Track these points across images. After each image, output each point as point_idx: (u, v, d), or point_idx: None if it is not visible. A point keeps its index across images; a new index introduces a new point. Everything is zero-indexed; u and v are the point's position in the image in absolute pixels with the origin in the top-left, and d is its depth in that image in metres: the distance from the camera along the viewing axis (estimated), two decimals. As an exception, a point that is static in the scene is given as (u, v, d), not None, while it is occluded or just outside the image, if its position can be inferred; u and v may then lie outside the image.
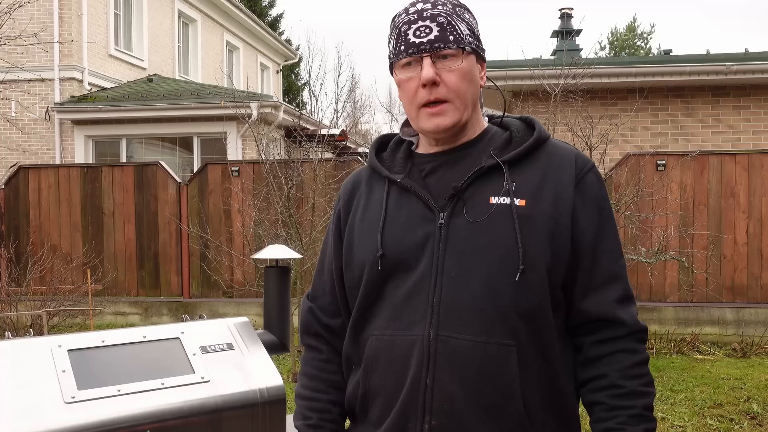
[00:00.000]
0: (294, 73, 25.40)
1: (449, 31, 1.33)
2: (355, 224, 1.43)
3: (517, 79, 7.97)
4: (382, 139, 1.53)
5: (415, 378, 1.29)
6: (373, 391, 1.35)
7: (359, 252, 1.40)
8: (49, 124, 11.42)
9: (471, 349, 1.27)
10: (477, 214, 1.31)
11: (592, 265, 1.33)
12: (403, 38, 1.34)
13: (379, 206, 1.40)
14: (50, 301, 6.71)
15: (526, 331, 1.29)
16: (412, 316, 1.31)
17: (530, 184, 1.33)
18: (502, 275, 1.28)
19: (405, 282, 1.33)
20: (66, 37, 11.29)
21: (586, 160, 1.38)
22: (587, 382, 1.34)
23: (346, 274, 1.43)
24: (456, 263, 1.30)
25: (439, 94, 1.32)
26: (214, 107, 10.41)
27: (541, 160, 1.36)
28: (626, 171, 7.17)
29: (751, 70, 7.87)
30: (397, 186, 1.39)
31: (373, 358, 1.35)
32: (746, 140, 8.26)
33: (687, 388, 5.55)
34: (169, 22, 14.42)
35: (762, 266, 7.27)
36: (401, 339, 1.31)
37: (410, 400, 1.29)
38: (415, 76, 1.33)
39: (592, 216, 1.34)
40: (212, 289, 8.25)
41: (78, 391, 1.52)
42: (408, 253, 1.34)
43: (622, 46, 32.35)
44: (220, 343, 1.81)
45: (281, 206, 6.23)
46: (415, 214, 1.35)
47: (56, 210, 8.68)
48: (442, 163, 1.39)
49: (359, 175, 1.51)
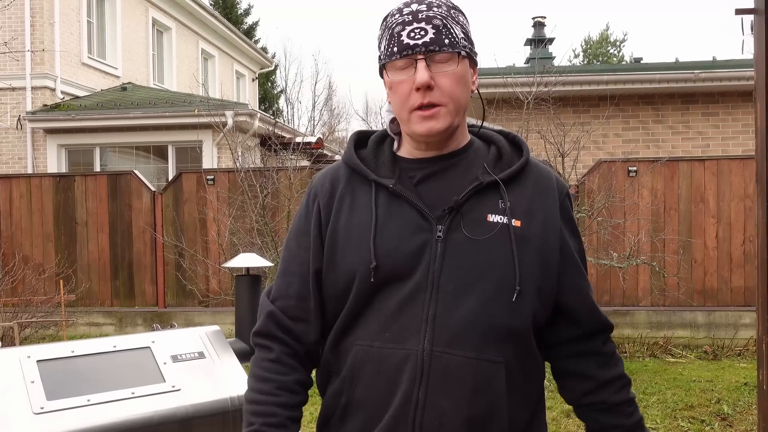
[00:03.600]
0: (270, 80, 25.36)
1: (444, 34, 1.29)
2: (339, 228, 1.36)
3: (490, 87, 8.05)
4: (359, 135, 1.46)
5: (407, 393, 1.27)
6: (356, 403, 1.32)
7: (347, 260, 1.33)
8: (20, 134, 11.28)
9: (464, 366, 1.27)
10: (475, 231, 1.30)
11: (586, 281, 1.42)
12: (397, 39, 1.30)
13: (367, 212, 1.33)
14: (22, 312, 6.61)
15: (513, 349, 1.31)
16: (405, 330, 1.28)
17: (522, 205, 1.33)
18: (498, 295, 1.29)
19: (397, 293, 1.30)
20: (38, 45, 11.17)
21: (563, 185, 1.42)
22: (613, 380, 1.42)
23: (328, 278, 1.36)
24: (453, 279, 1.28)
25: (433, 97, 1.28)
26: (189, 116, 10.37)
27: (529, 180, 1.37)
28: (598, 177, 7.28)
29: (719, 78, 8.04)
30: (387, 191, 1.34)
31: (359, 368, 1.31)
32: (715, 146, 8.43)
33: (659, 391, 5.63)
34: (143, 30, 14.33)
35: (731, 270, 7.40)
36: (392, 352, 1.29)
37: (400, 415, 1.27)
38: (408, 79, 1.29)
39: (575, 237, 1.42)
40: (188, 298, 8.19)
41: (47, 401, 1.52)
42: (402, 264, 1.30)
43: (596, 53, 32.77)
44: (192, 351, 1.82)
45: (256, 215, 6.23)
46: (410, 222, 1.31)
47: (28, 220, 8.57)
48: (433, 171, 1.35)
49: (337, 173, 1.41)
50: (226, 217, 7.08)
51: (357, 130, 1.50)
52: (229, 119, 10.00)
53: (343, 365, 1.34)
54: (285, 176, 6.99)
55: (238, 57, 19.25)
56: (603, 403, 1.41)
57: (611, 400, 1.40)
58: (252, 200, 6.35)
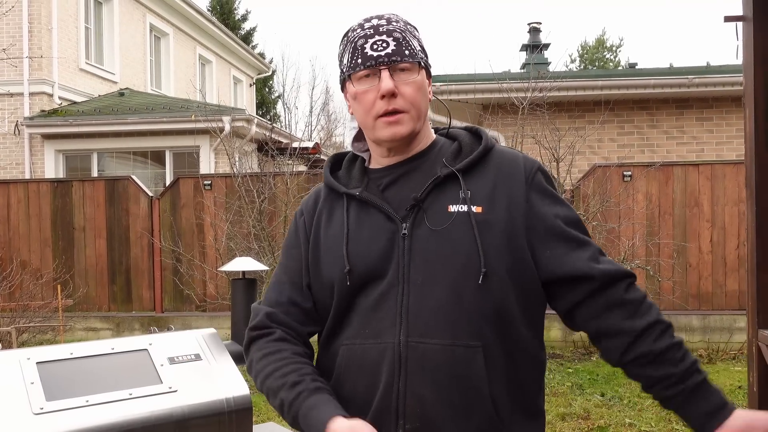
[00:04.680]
0: (268, 86, 25.41)
1: (404, 45, 1.39)
2: (320, 241, 1.46)
3: (486, 92, 8.10)
4: (335, 158, 1.57)
5: (388, 384, 1.33)
6: (345, 399, 1.37)
7: (326, 269, 1.43)
8: (18, 139, 11.31)
9: (440, 353, 1.32)
10: (437, 223, 1.36)
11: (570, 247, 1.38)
12: (360, 51, 1.39)
13: (341, 222, 1.43)
14: (19, 317, 6.63)
15: (491, 332, 1.34)
16: (381, 325, 1.35)
17: (484, 191, 1.39)
18: (465, 280, 1.34)
19: (373, 292, 1.38)
20: (36, 51, 11.20)
21: (533, 162, 1.45)
22: (648, 327, 1.33)
23: (315, 289, 1.46)
24: (421, 271, 1.35)
25: (397, 104, 1.38)
26: (187, 121, 10.40)
27: (491, 167, 1.42)
28: (593, 182, 7.32)
29: (713, 83, 8.09)
30: (356, 200, 1.43)
31: (345, 366, 1.39)
32: (709, 151, 8.48)
33: (654, 394, 5.66)
34: (141, 35, 14.37)
35: (726, 274, 7.45)
36: (372, 347, 1.36)
37: (384, 406, 1.34)
38: (372, 88, 1.38)
39: (553, 206, 1.40)
40: (185, 303, 8.22)
41: (46, 402, 1.55)
42: (374, 265, 1.38)
43: (592, 59, 32.88)
44: (188, 353, 1.85)
45: (253, 219, 6.26)
46: (378, 226, 1.40)
47: (26, 225, 8.59)
48: (398, 175, 1.44)
49: (319, 192, 1.54)
50: (223, 222, 7.12)
51: (333, 154, 1.61)
52: (226, 124, 10.04)
53: (333, 365, 1.42)
54: (282, 181, 7.03)
55: (235, 62, 19.30)
56: (644, 356, 1.33)
57: (653, 350, 1.32)
58: (249, 205, 6.39)
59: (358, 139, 1.53)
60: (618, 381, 6.06)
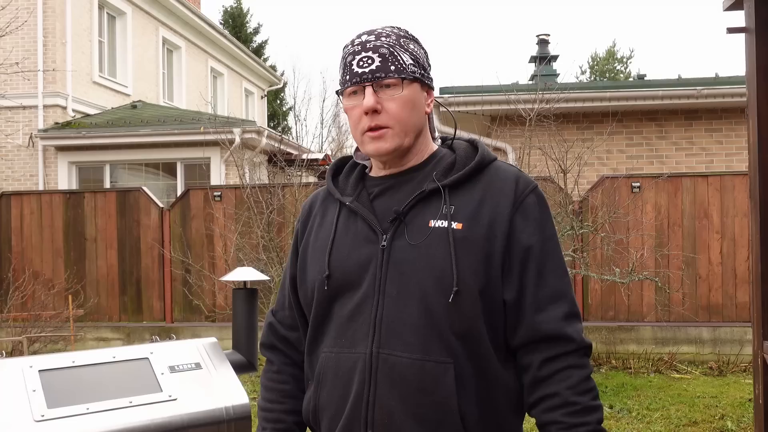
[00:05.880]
0: (279, 98, 25.58)
1: (390, 61, 1.39)
2: (309, 243, 1.51)
3: (494, 104, 8.13)
4: (339, 162, 1.59)
5: (358, 393, 1.36)
6: (322, 406, 1.43)
7: (310, 272, 1.48)
8: (32, 151, 11.45)
9: (409, 367, 1.33)
10: (417, 237, 1.37)
11: (539, 283, 1.36)
12: (348, 68, 1.41)
13: (330, 228, 1.47)
14: (31, 327, 6.70)
15: (463, 350, 1.34)
16: (356, 335, 1.38)
17: (468, 208, 1.38)
18: (436, 296, 1.34)
19: (350, 301, 1.40)
20: (50, 65, 11.36)
21: (528, 182, 1.42)
22: (539, 401, 1.35)
23: (300, 291, 1.51)
24: (396, 284, 1.36)
25: (380, 120, 1.39)
26: (198, 133, 10.49)
27: (482, 183, 1.41)
28: (601, 193, 7.31)
29: (722, 94, 8.07)
30: (347, 208, 1.47)
31: (323, 374, 1.42)
32: (719, 162, 8.45)
33: (663, 407, 5.63)
34: (154, 48, 14.54)
35: (737, 285, 7.40)
36: (346, 356, 1.39)
37: (353, 415, 1.36)
38: (359, 104, 1.40)
39: (536, 235, 1.38)
40: (194, 313, 8.26)
41: (48, 409, 1.58)
42: (352, 274, 1.40)
43: (602, 70, 32.85)
44: (189, 362, 1.87)
45: (262, 230, 6.30)
46: (360, 235, 1.42)
47: (38, 236, 8.69)
48: (389, 186, 1.45)
49: (316, 195, 1.59)
50: (233, 233, 7.17)
51: (339, 158, 1.62)
52: (236, 136, 10.12)
53: (313, 373, 1.46)
54: (290, 192, 7.07)
55: (247, 75, 19.45)
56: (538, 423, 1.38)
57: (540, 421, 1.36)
58: (258, 216, 6.43)
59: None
60: (627, 393, 6.03)
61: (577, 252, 6.72)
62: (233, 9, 26.08)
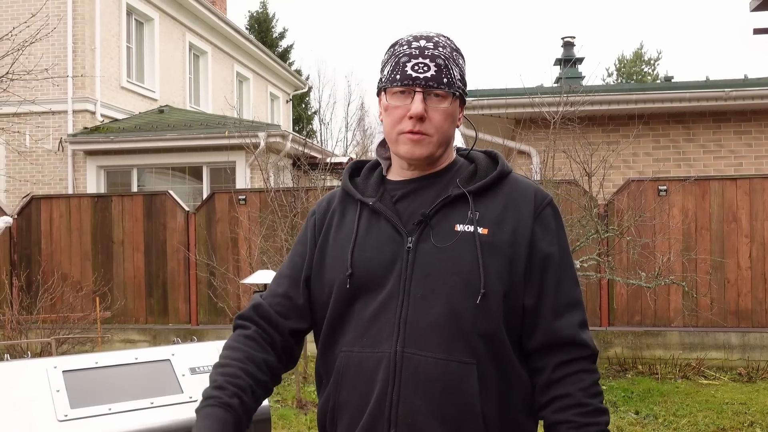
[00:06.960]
0: (304, 102, 25.73)
1: (444, 74, 1.42)
2: (328, 241, 1.51)
3: (518, 107, 8.08)
4: (355, 165, 1.62)
5: (382, 392, 1.37)
6: (341, 405, 1.43)
7: (330, 270, 1.47)
8: (62, 155, 11.66)
9: (433, 366, 1.35)
10: (443, 240, 1.40)
11: (557, 291, 1.43)
12: (401, 69, 1.42)
13: (351, 227, 1.48)
14: (60, 328, 6.81)
15: (486, 351, 1.37)
16: (380, 334, 1.39)
17: (493, 214, 1.43)
18: (463, 298, 1.37)
19: (373, 301, 1.41)
20: (79, 71, 11.57)
21: (544, 195, 1.49)
22: (552, 401, 1.40)
23: (315, 286, 1.50)
24: (422, 285, 1.39)
25: (423, 128, 1.41)
26: (223, 137, 10.60)
27: (503, 192, 1.46)
28: (626, 196, 7.23)
29: (750, 96, 7.94)
30: (369, 209, 1.48)
31: (342, 373, 1.43)
32: (748, 165, 8.31)
33: (690, 413, 5.54)
34: (180, 54, 14.72)
35: (766, 290, 7.26)
36: (369, 355, 1.39)
37: (377, 414, 1.37)
38: (404, 106, 1.42)
39: (555, 245, 1.45)
40: (219, 316, 8.33)
41: (71, 409, 1.61)
42: (375, 273, 1.42)
43: (629, 72, 32.52)
44: (209, 364, 1.89)
45: (286, 234, 6.34)
46: (384, 236, 1.44)
47: (67, 239, 8.84)
48: (412, 190, 1.48)
49: (334, 195, 1.59)
50: (257, 236, 7.22)
51: (355, 160, 1.65)
52: (261, 140, 10.20)
53: (331, 372, 1.46)
54: (314, 196, 7.11)
55: (272, 79, 19.60)
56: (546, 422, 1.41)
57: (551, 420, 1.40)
58: (281, 220, 6.48)
59: (383, 145, 1.57)
60: (653, 399, 5.94)
61: (603, 256, 6.65)
62: (259, 14, 26.31)
